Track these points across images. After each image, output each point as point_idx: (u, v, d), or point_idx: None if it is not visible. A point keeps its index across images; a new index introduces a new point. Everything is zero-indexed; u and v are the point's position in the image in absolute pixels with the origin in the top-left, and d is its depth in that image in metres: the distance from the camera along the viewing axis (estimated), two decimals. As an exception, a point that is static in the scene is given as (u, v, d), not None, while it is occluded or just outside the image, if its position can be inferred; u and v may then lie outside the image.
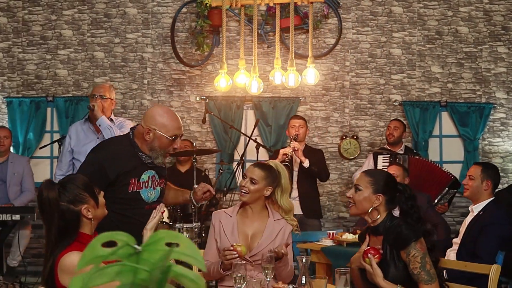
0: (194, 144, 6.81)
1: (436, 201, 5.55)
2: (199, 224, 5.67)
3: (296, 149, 5.54)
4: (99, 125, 4.47)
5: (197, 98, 7.12)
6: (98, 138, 4.51)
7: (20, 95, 7.34)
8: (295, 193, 5.77)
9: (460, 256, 4.00)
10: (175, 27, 7.16)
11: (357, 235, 4.32)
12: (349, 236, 4.50)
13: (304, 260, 2.88)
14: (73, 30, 7.37)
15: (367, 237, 3.04)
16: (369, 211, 2.95)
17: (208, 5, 6.60)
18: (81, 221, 2.53)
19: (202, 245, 5.71)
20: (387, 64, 7.10)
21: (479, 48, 7.10)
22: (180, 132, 3.22)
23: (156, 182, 3.27)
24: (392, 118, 6.68)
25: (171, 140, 3.14)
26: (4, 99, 7.31)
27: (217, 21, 6.77)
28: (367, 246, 2.97)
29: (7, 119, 7.26)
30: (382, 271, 2.84)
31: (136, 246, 0.87)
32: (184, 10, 7.16)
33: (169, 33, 7.15)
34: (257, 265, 3.14)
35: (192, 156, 5.87)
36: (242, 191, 3.30)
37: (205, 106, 6.11)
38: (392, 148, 6.19)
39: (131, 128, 3.30)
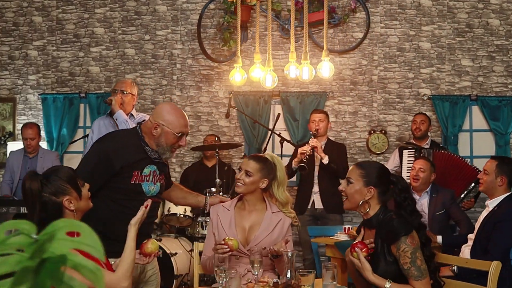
0: (219, 139, 6.89)
1: (462, 196, 5.49)
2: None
3: (315, 146, 5.56)
4: (116, 119, 4.59)
5: (226, 93, 7.23)
6: None
7: (54, 92, 7.56)
8: (316, 188, 5.81)
9: (474, 252, 3.91)
10: (204, 23, 7.29)
11: None
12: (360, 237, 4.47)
13: (289, 254, 2.85)
14: (104, 27, 7.56)
15: (362, 230, 3.00)
16: (359, 204, 2.91)
17: (234, 1, 6.69)
18: (63, 212, 2.54)
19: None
20: (416, 58, 7.07)
21: (510, 41, 7.01)
22: (186, 130, 3.26)
23: (157, 178, 3.29)
24: (417, 112, 6.65)
25: (177, 136, 3.18)
26: (39, 96, 7.55)
27: (244, 17, 6.85)
28: (362, 239, 2.94)
29: (42, 115, 7.49)
30: (373, 265, 2.80)
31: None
32: (212, 6, 7.27)
33: (200, 29, 7.29)
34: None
35: (218, 150, 5.95)
36: (237, 183, 3.32)
37: (229, 101, 6.19)
38: (418, 143, 6.15)
39: (138, 123, 3.35)
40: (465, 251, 4.08)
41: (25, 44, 7.69)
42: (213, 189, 5.44)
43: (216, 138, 6.72)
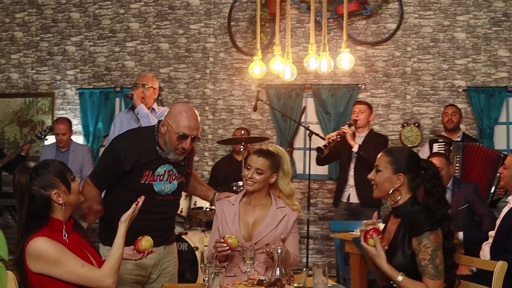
0: (248, 133, 6.94)
1: (493, 189, 5.38)
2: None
3: (344, 132, 5.52)
4: (137, 113, 4.69)
5: (258, 86, 7.28)
6: (139, 126, 4.68)
7: (91, 87, 7.76)
8: (351, 181, 5.75)
9: (494, 250, 3.76)
10: (237, 16, 7.36)
11: None
12: (382, 226, 4.37)
13: (279, 251, 2.80)
14: (139, 22, 7.71)
15: (375, 214, 2.97)
16: (389, 192, 2.83)
17: (265, -6, 6.73)
18: (52, 206, 2.58)
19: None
20: (450, 48, 6.95)
21: (550, 30, 6.83)
22: (189, 132, 3.16)
23: (174, 177, 3.29)
24: (447, 104, 6.54)
25: (178, 137, 3.14)
26: (77, 91, 7.77)
27: (274, 9, 6.86)
28: (382, 229, 2.91)
29: (79, 109, 7.71)
30: (389, 254, 2.75)
31: None
32: (243, -1, 7.33)
33: (231, 23, 7.36)
34: (258, 254, 3.12)
35: (245, 144, 5.99)
36: (248, 182, 3.26)
37: (257, 94, 6.21)
38: (450, 135, 6.06)
39: (159, 121, 3.34)
40: (485, 249, 3.94)
41: (63, 40, 7.92)
42: (240, 183, 5.49)
43: (243, 132, 6.75)
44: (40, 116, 7.88)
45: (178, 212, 5.71)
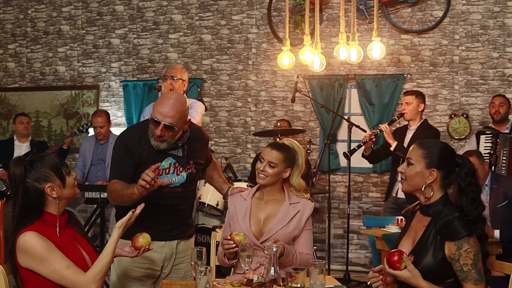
0: (289, 124, 6.88)
1: None
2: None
3: (380, 131, 5.39)
4: None
5: (300, 77, 7.20)
6: None
7: (135, 79, 7.85)
8: (400, 176, 5.60)
9: None
10: (279, 6, 7.29)
11: None
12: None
13: (274, 250, 2.70)
14: (182, 14, 7.74)
15: (414, 215, 2.81)
16: (422, 188, 2.69)
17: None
18: (46, 199, 2.58)
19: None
20: (501, 36, 6.70)
21: None
22: (161, 118, 3.05)
23: (181, 168, 3.24)
24: (495, 94, 6.30)
25: (152, 121, 3.08)
26: (121, 83, 7.88)
27: (315, -2, 6.78)
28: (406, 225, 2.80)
29: (123, 101, 7.82)
30: (416, 256, 2.61)
31: None
32: (286, -11, 7.25)
33: (272, 13, 7.31)
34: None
35: (281, 136, 5.94)
36: (259, 175, 3.19)
37: (295, 85, 6.14)
38: (498, 127, 5.83)
39: None
40: None
41: (108, 33, 8.03)
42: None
43: (279, 123, 6.70)
44: (86, 109, 8.03)
45: (214, 204, 5.72)
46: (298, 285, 2.53)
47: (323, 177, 7.05)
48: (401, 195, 5.58)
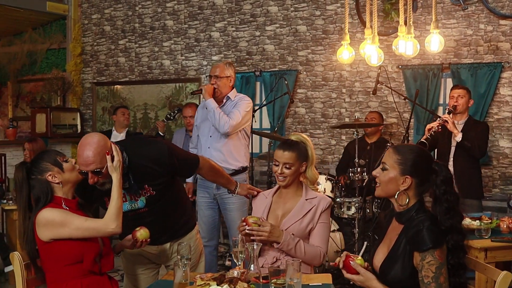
0: (381, 116, 6.95)
1: None
2: (359, 198, 5.93)
3: (444, 121, 5.32)
4: (206, 108, 4.98)
5: (394, 67, 7.23)
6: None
7: (234, 71, 8.24)
8: (450, 170, 5.54)
9: None
10: (373, -5, 7.33)
11: (477, 222, 4.18)
12: (465, 222, 4.17)
13: (255, 246, 2.87)
14: (278, 6, 8.00)
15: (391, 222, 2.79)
16: (395, 196, 2.67)
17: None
18: (52, 187, 3.06)
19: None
20: None
21: None
22: (84, 168, 3.06)
23: (136, 195, 3.33)
24: None
25: (82, 174, 3.11)
26: (220, 76, 8.29)
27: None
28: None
29: (222, 94, 8.23)
30: (387, 265, 2.64)
31: None
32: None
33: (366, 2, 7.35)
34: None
35: (357, 129, 6.13)
36: (279, 178, 3.38)
37: (377, 76, 6.18)
38: None
39: None
40: None
41: (208, 26, 8.47)
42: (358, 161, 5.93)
43: (380, 116, 6.82)
44: (189, 100, 8.54)
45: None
46: (279, 282, 2.65)
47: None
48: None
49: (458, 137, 5.37)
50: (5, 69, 10.34)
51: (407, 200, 2.67)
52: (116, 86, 9.19)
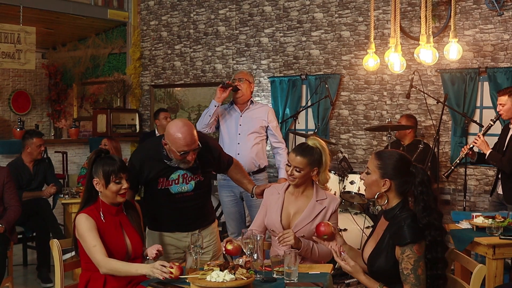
0: (414, 119, 7.25)
1: None
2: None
3: (474, 144, 5.58)
4: (214, 105, 5.58)
5: (433, 71, 7.52)
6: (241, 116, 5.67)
7: (281, 75, 8.71)
8: (500, 174, 5.76)
9: None
10: (413, 1, 7.64)
11: (489, 220, 4.46)
12: (478, 220, 4.45)
13: (258, 238, 3.21)
14: (323, 12, 8.40)
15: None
16: (375, 196, 2.97)
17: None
18: (94, 187, 3.40)
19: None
20: None
21: None
22: (189, 148, 3.61)
23: (189, 178, 3.85)
24: None
25: (181, 154, 3.63)
26: (268, 79, 8.78)
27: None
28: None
29: (270, 96, 8.72)
30: (373, 257, 2.96)
31: None
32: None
33: (407, 8, 7.68)
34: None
35: (390, 131, 6.44)
36: (289, 178, 3.66)
37: (411, 80, 6.45)
38: None
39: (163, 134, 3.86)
40: None
41: (258, 32, 8.96)
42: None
43: (413, 119, 7.16)
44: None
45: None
46: (281, 270, 3.09)
47: (455, 170, 7.35)
48: (500, 191, 5.76)
49: (487, 155, 5.60)
50: (70, 72, 11.16)
51: (386, 200, 3.00)
52: (172, 88, 9.81)
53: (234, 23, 9.20)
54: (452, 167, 5.84)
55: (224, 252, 3.49)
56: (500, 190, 5.77)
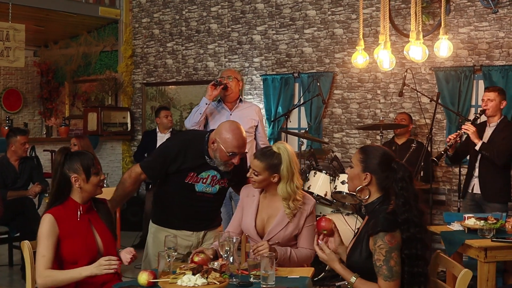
0: (410, 117, 7.13)
1: None
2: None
3: (464, 132, 5.47)
4: (207, 104, 5.58)
5: (427, 69, 7.40)
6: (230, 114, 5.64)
7: (274, 73, 8.57)
8: (476, 171, 5.68)
9: None
10: (407, -2, 7.52)
11: (481, 222, 4.33)
12: (470, 222, 4.33)
13: (234, 240, 3.11)
14: (316, 9, 8.27)
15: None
16: (356, 190, 2.98)
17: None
18: (71, 187, 3.23)
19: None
20: None
21: None
22: (239, 151, 3.63)
23: (216, 181, 3.82)
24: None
25: (229, 155, 3.62)
26: (261, 77, 8.64)
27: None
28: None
29: (262, 94, 8.58)
30: (351, 251, 2.96)
31: None
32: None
33: (400, 5, 7.55)
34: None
35: (382, 130, 6.35)
36: (250, 180, 3.57)
37: (403, 78, 6.36)
38: None
39: (210, 130, 3.91)
40: None
41: (250, 30, 8.82)
42: None
43: (409, 117, 7.09)
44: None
45: (322, 195, 6.23)
46: (258, 274, 2.98)
47: (449, 170, 7.24)
48: (477, 190, 5.66)
49: (478, 146, 5.47)
50: (62, 70, 11.01)
51: (368, 195, 2.99)
52: (164, 86, 9.68)
53: (226, 21, 9.06)
54: (442, 152, 5.67)
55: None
56: (476, 190, 5.66)
